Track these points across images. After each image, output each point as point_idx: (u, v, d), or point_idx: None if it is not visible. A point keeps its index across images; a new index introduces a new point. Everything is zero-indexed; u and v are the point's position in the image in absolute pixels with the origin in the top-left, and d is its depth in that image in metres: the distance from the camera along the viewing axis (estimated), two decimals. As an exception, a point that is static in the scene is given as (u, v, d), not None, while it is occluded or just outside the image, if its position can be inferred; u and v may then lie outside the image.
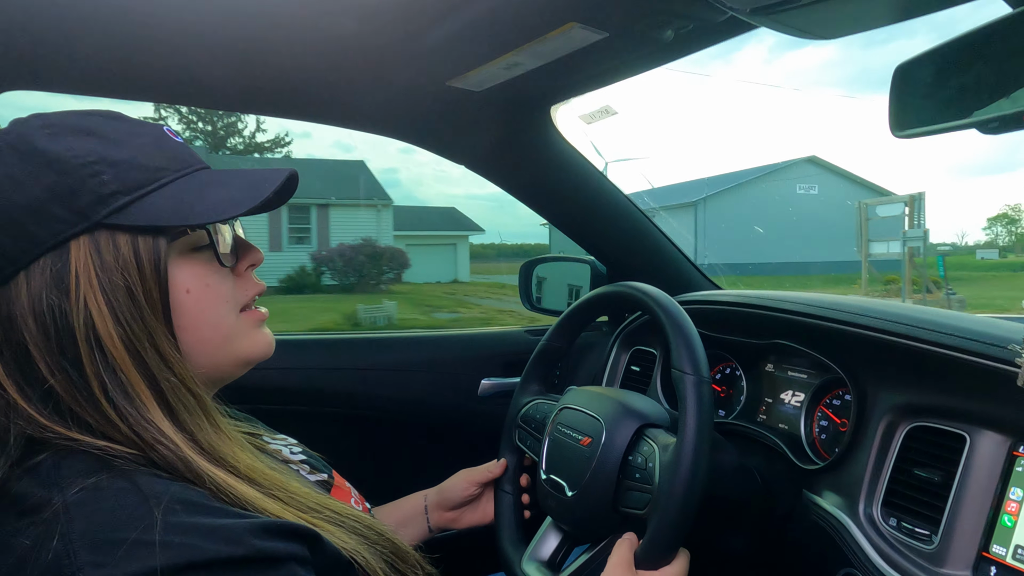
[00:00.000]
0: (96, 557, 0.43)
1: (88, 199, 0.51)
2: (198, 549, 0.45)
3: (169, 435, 0.51)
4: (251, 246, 0.64)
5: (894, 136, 0.72)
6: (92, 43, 0.86)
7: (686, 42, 0.84)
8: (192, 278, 0.57)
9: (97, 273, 0.51)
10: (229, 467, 0.54)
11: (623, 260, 1.48)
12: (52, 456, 0.49)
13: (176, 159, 0.58)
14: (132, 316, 0.52)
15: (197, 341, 0.58)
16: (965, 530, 0.71)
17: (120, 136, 0.55)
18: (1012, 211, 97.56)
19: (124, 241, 0.53)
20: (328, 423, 1.34)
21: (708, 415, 0.71)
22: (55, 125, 0.53)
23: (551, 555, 0.89)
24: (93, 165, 0.52)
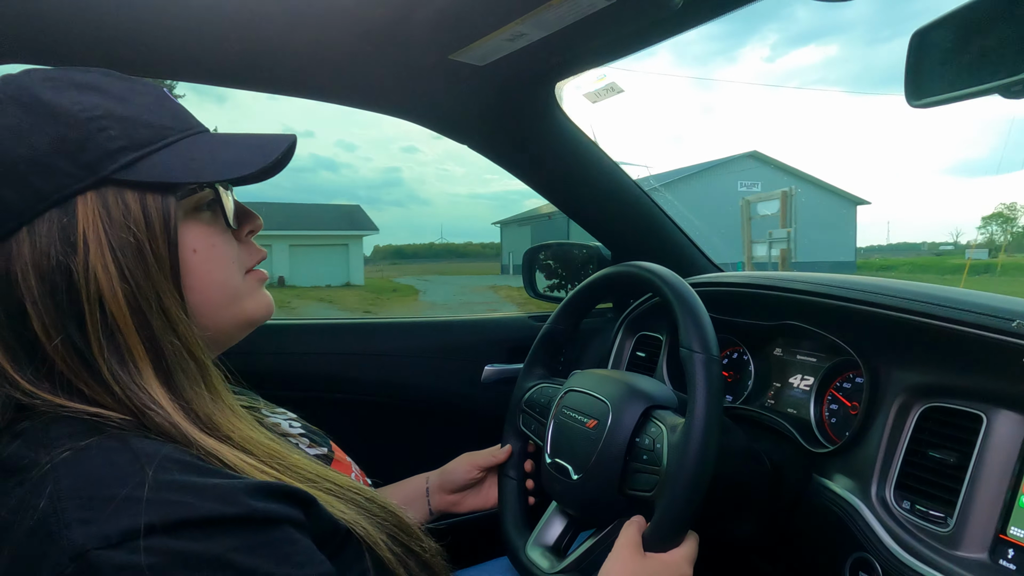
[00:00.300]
0: (84, 513, 0.41)
1: (95, 154, 0.50)
2: (192, 507, 0.43)
3: (161, 402, 0.50)
4: (251, 212, 0.64)
5: (910, 105, 0.70)
6: (95, 17, 0.85)
7: (696, 10, 0.81)
8: (199, 238, 0.56)
9: (105, 229, 0.50)
10: (223, 436, 0.52)
11: (629, 243, 1.46)
12: (40, 421, 0.48)
13: (179, 119, 0.57)
14: (140, 274, 0.51)
15: (203, 302, 0.57)
16: (982, 512, 0.69)
17: (123, 93, 0.54)
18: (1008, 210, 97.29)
19: (132, 198, 0.51)
20: (330, 408, 1.32)
21: (718, 394, 0.69)
22: (57, 79, 0.52)
23: (556, 540, 0.88)
24: (100, 120, 0.51)
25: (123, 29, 0.88)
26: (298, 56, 0.98)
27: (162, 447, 0.47)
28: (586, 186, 1.37)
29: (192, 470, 0.46)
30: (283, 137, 0.60)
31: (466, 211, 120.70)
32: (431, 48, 0.94)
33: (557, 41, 0.89)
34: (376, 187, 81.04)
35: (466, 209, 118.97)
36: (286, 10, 0.86)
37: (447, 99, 1.14)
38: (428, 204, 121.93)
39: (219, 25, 0.88)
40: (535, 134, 1.24)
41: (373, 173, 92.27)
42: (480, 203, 47.12)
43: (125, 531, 0.41)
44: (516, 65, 0.99)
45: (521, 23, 0.82)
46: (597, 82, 1.08)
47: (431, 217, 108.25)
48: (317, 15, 0.87)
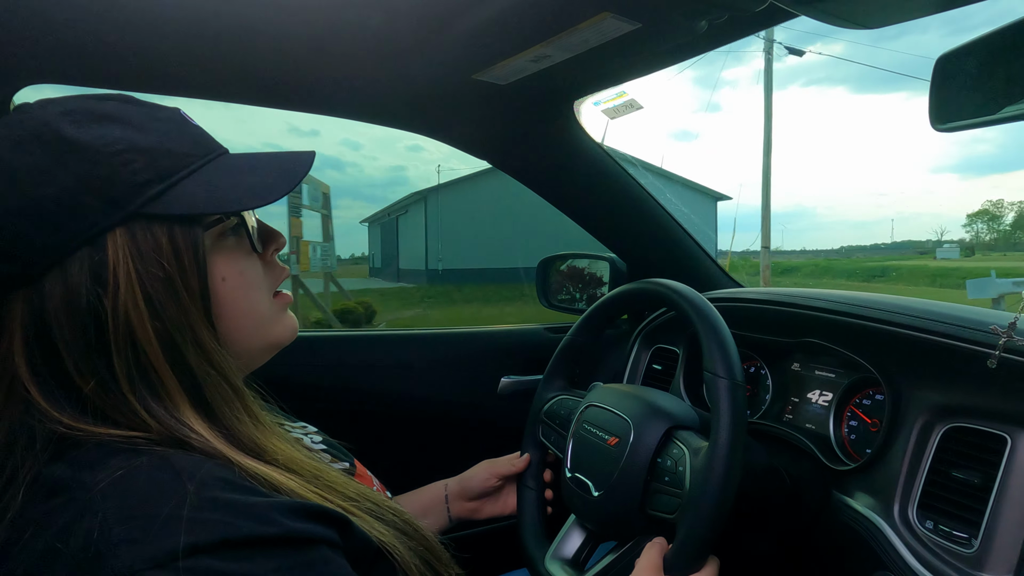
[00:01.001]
0: (131, 533, 0.42)
1: (122, 188, 0.50)
2: (232, 526, 0.44)
3: (201, 432, 0.50)
4: (274, 231, 0.64)
5: (935, 129, 0.71)
6: (107, 35, 0.86)
7: (719, 33, 0.82)
8: (226, 266, 0.56)
9: (136, 265, 0.50)
10: (269, 459, 0.53)
11: (644, 256, 1.46)
12: (82, 445, 0.48)
13: (200, 143, 0.56)
14: (172, 309, 0.51)
15: (233, 329, 0.57)
16: (1007, 533, 0.69)
17: (143, 121, 0.53)
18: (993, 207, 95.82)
19: (161, 231, 0.51)
20: (346, 419, 1.33)
21: (742, 420, 0.70)
22: (75, 112, 0.51)
23: (575, 553, 0.88)
24: (124, 153, 0.50)
25: (144, 48, 0.89)
26: (323, 74, 0.99)
27: (204, 463, 0.48)
28: (603, 200, 1.38)
29: (232, 487, 0.47)
30: (303, 157, 0.60)
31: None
32: (455, 68, 0.95)
33: (580, 61, 0.90)
34: (381, 186, 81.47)
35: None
36: (312, 30, 0.87)
37: (468, 117, 1.15)
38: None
39: (248, 45, 0.90)
40: (553, 149, 1.25)
41: (378, 172, 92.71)
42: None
43: (171, 551, 0.41)
44: (537, 83, 1.00)
45: (546, 45, 0.83)
46: (616, 98, 1.09)
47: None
48: (342, 34, 0.88)
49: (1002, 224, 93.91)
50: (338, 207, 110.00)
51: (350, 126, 18.13)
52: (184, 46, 0.90)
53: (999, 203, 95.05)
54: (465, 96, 1.06)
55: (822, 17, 0.63)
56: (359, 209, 73.27)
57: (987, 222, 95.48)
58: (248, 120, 25.26)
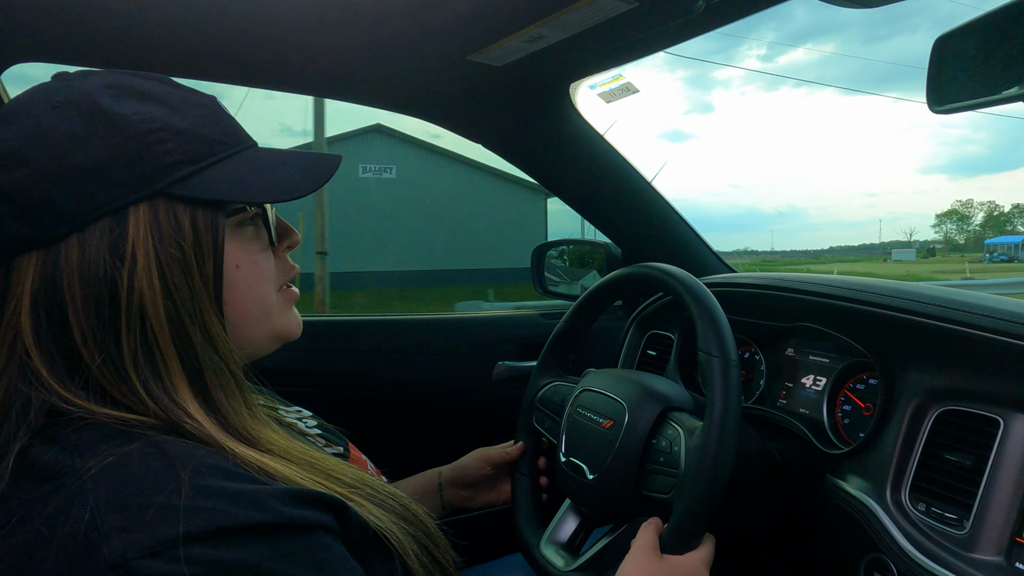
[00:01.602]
0: (123, 522, 0.41)
1: (152, 166, 0.50)
2: (227, 514, 0.43)
3: (196, 416, 0.50)
4: (290, 227, 0.64)
5: (932, 111, 0.70)
6: (99, 12, 0.84)
7: (716, 14, 0.81)
8: (242, 254, 0.57)
9: (155, 243, 0.50)
10: (264, 449, 0.53)
11: (639, 242, 1.46)
12: (75, 424, 0.48)
13: (232, 133, 0.57)
14: (184, 291, 0.51)
15: (241, 317, 0.58)
16: (998, 515, 0.69)
17: (181, 104, 0.54)
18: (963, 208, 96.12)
19: (184, 213, 0.52)
20: (341, 405, 1.33)
21: (736, 399, 0.70)
22: (117, 86, 0.52)
23: (570, 537, 0.88)
24: (158, 132, 0.51)
25: (136, 27, 0.88)
26: (317, 56, 0.98)
27: (197, 450, 0.47)
28: (598, 184, 1.37)
29: (226, 475, 0.46)
30: (329, 159, 0.61)
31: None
32: (449, 49, 0.94)
33: (576, 43, 0.89)
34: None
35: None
36: (306, 11, 0.86)
37: (462, 98, 1.14)
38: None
39: (238, 26, 0.89)
40: (548, 132, 1.25)
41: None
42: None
43: (164, 540, 0.41)
44: (532, 65, 0.99)
45: (542, 25, 0.82)
46: (612, 82, 1.08)
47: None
48: (336, 16, 0.87)
49: (971, 224, 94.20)
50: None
51: (342, 125, 17.98)
52: (177, 27, 0.89)
53: (968, 203, 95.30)
54: (460, 78, 1.05)
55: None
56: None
57: (956, 223, 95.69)
58: (239, 117, 25.56)
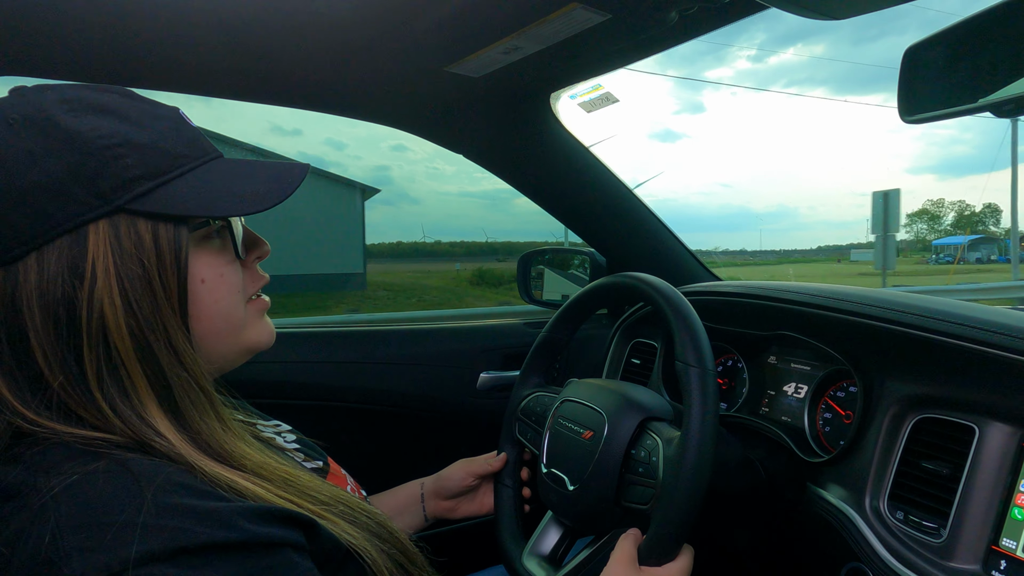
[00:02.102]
0: (84, 541, 0.41)
1: (111, 182, 0.49)
2: (190, 533, 0.43)
3: (166, 434, 0.50)
4: (259, 238, 0.64)
5: (903, 120, 0.71)
6: (86, 29, 0.84)
7: (691, 25, 0.82)
8: (208, 268, 0.56)
9: (115, 260, 0.49)
10: (236, 465, 0.52)
11: (623, 251, 1.46)
12: (40, 444, 0.47)
13: (195, 146, 0.56)
14: (147, 307, 0.50)
15: (208, 331, 0.57)
16: (974, 523, 0.69)
17: (141, 118, 0.53)
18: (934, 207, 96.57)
19: (145, 228, 0.51)
20: (324, 417, 1.32)
21: (713, 408, 0.70)
22: (74, 101, 0.51)
23: (552, 549, 0.88)
24: (117, 147, 0.50)
25: (116, 42, 0.88)
26: (293, 67, 0.98)
27: (163, 468, 0.47)
28: (581, 194, 1.37)
29: (192, 493, 0.46)
30: (296, 168, 0.60)
31: (459, 209, 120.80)
32: (427, 60, 0.94)
33: (552, 54, 0.89)
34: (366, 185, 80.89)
35: (459, 208, 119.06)
36: (281, 22, 0.85)
37: (442, 110, 1.14)
38: (418, 203, 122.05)
39: (215, 37, 0.88)
40: (529, 143, 1.25)
41: (363, 172, 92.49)
42: (471, 202, 47.13)
43: (125, 559, 0.40)
44: (511, 76, 0.99)
45: (517, 37, 0.82)
46: (592, 92, 1.08)
47: (421, 216, 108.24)
48: (312, 27, 0.87)
49: (942, 224, 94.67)
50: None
51: (333, 125, 17.91)
52: (155, 40, 0.88)
53: (939, 202, 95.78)
54: (438, 89, 1.05)
55: (791, 8, 0.62)
56: (343, 207, 72.73)
57: (928, 222, 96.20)
58: (229, 119, 24.93)
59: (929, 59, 0.66)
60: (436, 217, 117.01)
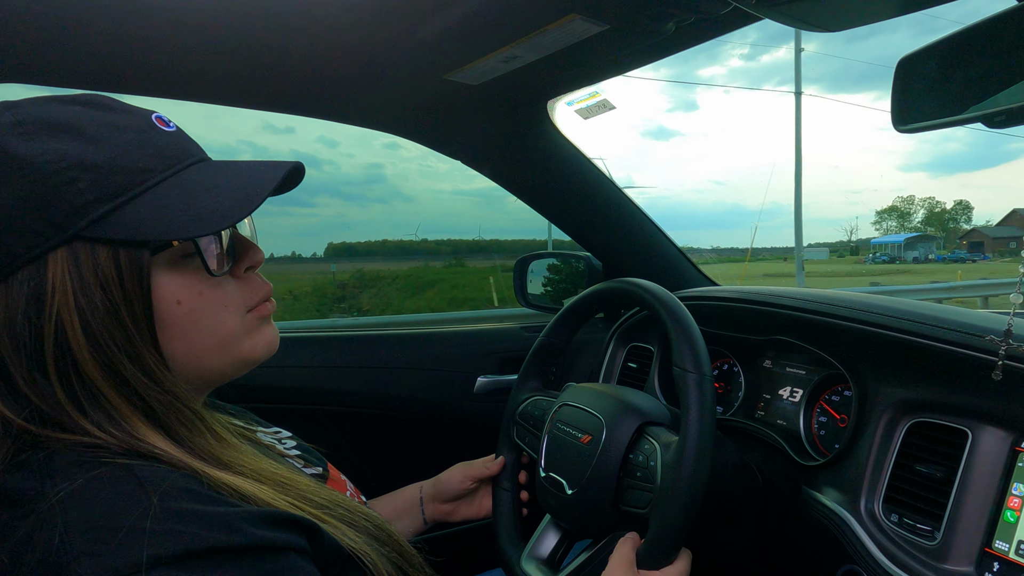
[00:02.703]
0: (92, 546, 0.41)
1: (64, 209, 0.47)
2: (196, 537, 0.43)
3: (165, 448, 0.49)
4: (250, 245, 0.60)
5: (896, 130, 0.72)
6: (86, 36, 0.84)
7: (687, 35, 0.83)
8: (183, 288, 0.53)
9: (74, 290, 0.48)
10: (235, 471, 0.52)
11: (620, 256, 1.47)
12: (44, 452, 0.47)
13: (163, 156, 0.52)
14: (116, 335, 0.49)
15: (194, 351, 0.55)
16: (968, 526, 0.71)
17: (101, 132, 0.50)
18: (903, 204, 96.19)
19: (105, 254, 0.49)
20: (322, 421, 1.33)
21: (711, 414, 0.70)
22: (28, 122, 0.48)
23: (550, 553, 0.88)
24: (67, 171, 0.47)
25: (111, 47, 0.87)
26: (293, 75, 0.98)
27: (168, 474, 0.47)
28: (577, 199, 1.38)
29: (197, 498, 0.46)
30: (275, 171, 0.56)
31: (453, 207, 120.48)
32: (426, 68, 0.94)
33: (550, 62, 0.90)
34: (359, 184, 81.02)
35: (452, 206, 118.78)
36: (281, 29, 0.86)
37: (441, 117, 1.15)
38: (412, 201, 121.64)
39: (212, 44, 0.89)
40: (527, 150, 1.26)
41: (356, 170, 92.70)
42: (465, 200, 46.99)
43: (133, 563, 0.41)
44: (509, 84, 1.00)
45: (516, 46, 0.83)
46: (589, 99, 1.09)
47: (416, 214, 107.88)
48: (312, 34, 0.87)
49: (912, 221, 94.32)
50: (316, 205, 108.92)
51: (326, 123, 17.92)
52: (151, 46, 0.88)
53: (909, 199, 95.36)
54: (437, 96, 1.06)
55: (786, 20, 0.63)
56: (337, 207, 72.74)
57: (897, 219, 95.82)
58: (223, 116, 24.82)
59: (922, 70, 0.67)
60: (430, 215, 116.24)
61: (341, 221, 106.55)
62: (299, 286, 16.43)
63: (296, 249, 49.01)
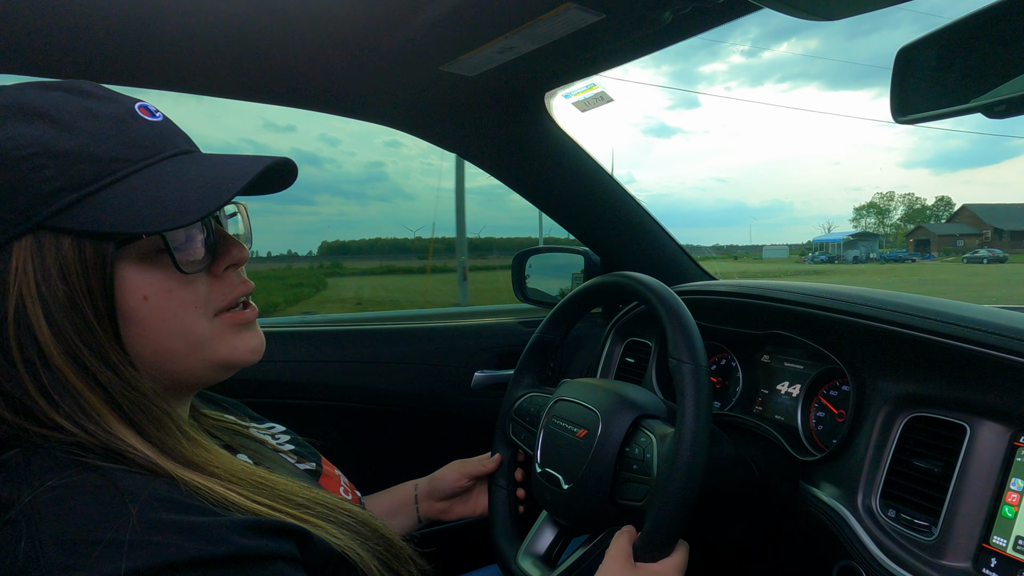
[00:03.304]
0: (67, 559, 0.40)
1: (28, 197, 0.46)
2: (178, 548, 0.42)
3: (137, 446, 0.48)
4: (231, 242, 0.58)
5: (896, 121, 0.71)
6: (83, 28, 0.84)
7: (684, 25, 0.82)
8: (151, 284, 0.51)
9: (36, 279, 0.47)
10: (208, 473, 0.51)
11: (618, 250, 1.46)
12: (23, 452, 0.46)
13: (140, 146, 0.51)
14: (75, 326, 0.48)
15: (160, 351, 0.53)
16: (965, 521, 0.70)
17: (76, 119, 0.49)
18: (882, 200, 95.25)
19: (69, 244, 0.47)
20: (318, 417, 1.32)
21: (707, 404, 0.70)
22: (4, 107, 0.48)
23: (547, 549, 0.88)
24: (35, 157, 0.46)
25: (107, 39, 0.87)
26: (287, 66, 0.98)
27: (148, 483, 0.45)
28: (575, 193, 1.37)
29: (178, 508, 0.45)
30: (254, 165, 0.54)
31: (452, 205, 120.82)
32: (421, 59, 0.94)
33: (547, 53, 0.89)
34: (360, 182, 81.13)
35: (453, 203, 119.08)
36: (276, 21, 0.85)
37: (437, 109, 1.14)
38: (414, 199, 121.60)
39: (207, 36, 0.88)
40: (524, 143, 1.25)
41: (357, 168, 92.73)
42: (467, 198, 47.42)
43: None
44: (506, 75, 0.99)
45: (511, 36, 0.82)
46: (587, 91, 1.08)
47: (417, 212, 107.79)
48: (306, 25, 0.87)
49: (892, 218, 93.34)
50: (317, 203, 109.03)
51: (327, 121, 17.67)
52: (144, 37, 0.88)
53: (889, 195, 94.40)
54: (433, 88, 1.05)
55: (785, 9, 0.62)
56: (339, 205, 72.75)
57: (876, 216, 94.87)
58: (223, 115, 24.71)
59: (922, 60, 0.67)
60: (431, 214, 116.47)
61: (342, 219, 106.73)
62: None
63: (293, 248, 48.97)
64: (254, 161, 0.55)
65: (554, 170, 1.31)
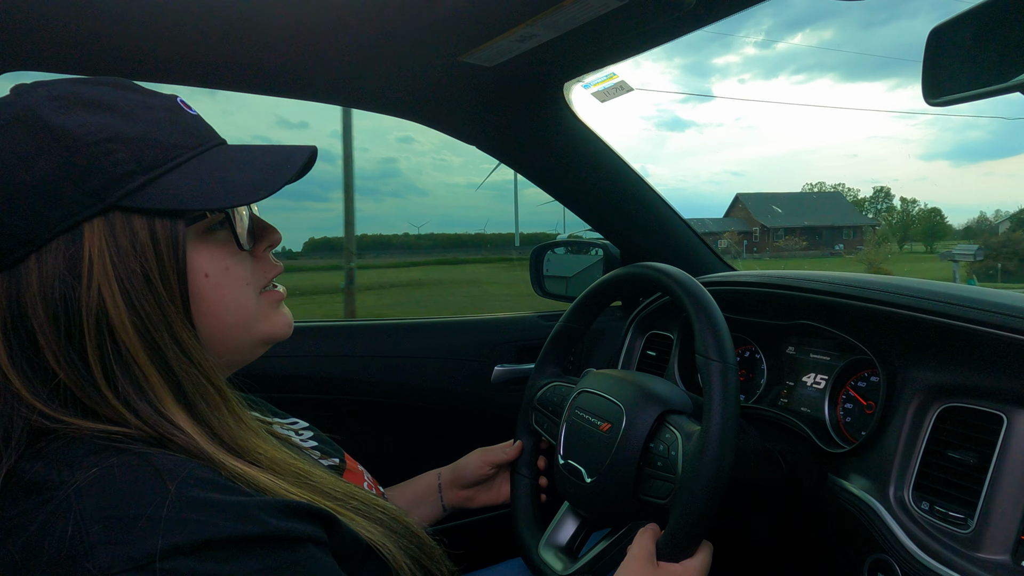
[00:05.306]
0: (110, 534, 0.41)
1: (102, 179, 0.48)
2: (214, 526, 0.43)
3: (185, 428, 0.49)
4: (269, 226, 0.62)
5: (928, 103, 0.69)
6: (99, 24, 0.84)
7: (708, 9, 0.80)
8: (210, 262, 0.55)
9: (112, 259, 0.49)
10: (252, 460, 0.52)
11: (638, 242, 1.45)
12: (62, 439, 0.47)
13: (191, 135, 0.55)
14: (150, 304, 0.50)
15: (218, 327, 0.56)
16: (1003, 513, 0.68)
17: (133, 109, 0.52)
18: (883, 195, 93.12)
19: (140, 224, 0.50)
20: (339, 411, 1.33)
21: (734, 404, 0.68)
22: (64, 97, 0.50)
23: (568, 540, 0.87)
24: (107, 143, 0.49)
25: (126, 34, 0.87)
26: (306, 59, 0.97)
27: (186, 463, 0.47)
28: (595, 185, 1.36)
29: (214, 488, 0.46)
30: (296, 154, 0.58)
31: (468, 200, 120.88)
32: (440, 50, 0.93)
33: (567, 41, 0.88)
34: (374, 178, 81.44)
35: (467, 199, 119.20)
36: (294, 14, 0.85)
37: (455, 100, 1.13)
38: (427, 195, 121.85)
39: (227, 30, 0.88)
40: (542, 133, 1.24)
41: (370, 164, 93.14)
42: (479, 192, 46.80)
43: (151, 552, 0.40)
44: (525, 65, 0.98)
45: (532, 24, 0.81)
46: (606, 80, 1.07)
47: (430, 208, 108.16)
48: (325, 18, 0.86)
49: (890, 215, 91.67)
50: (331, 200, 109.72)
51: (341, 119, 17.66)
52: (165, 32, 0.88)
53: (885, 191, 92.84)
54: (452, 79, 1.04)
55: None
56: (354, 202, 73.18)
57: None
58: (236, 112, 24.85)
59: (955, 39, 0.65)
60: (445, 209, 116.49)
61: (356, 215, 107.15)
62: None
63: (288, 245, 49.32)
64: (293, 149, 0.59)
65: (573, 161, 1.30)
